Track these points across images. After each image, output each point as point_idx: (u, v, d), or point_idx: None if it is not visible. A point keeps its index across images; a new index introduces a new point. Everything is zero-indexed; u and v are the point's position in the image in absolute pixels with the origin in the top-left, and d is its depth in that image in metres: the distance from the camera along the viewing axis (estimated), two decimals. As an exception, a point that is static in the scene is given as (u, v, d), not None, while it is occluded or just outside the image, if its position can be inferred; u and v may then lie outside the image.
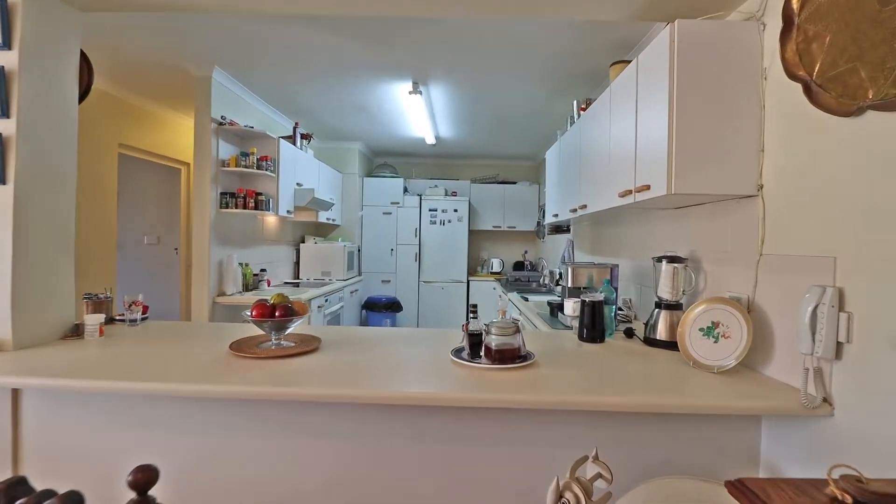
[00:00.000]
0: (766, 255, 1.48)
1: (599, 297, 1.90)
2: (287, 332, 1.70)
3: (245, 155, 3.19)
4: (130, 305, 2.08)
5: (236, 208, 3.17)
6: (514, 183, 5.77)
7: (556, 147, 3.32)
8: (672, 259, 1.85)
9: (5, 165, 1.56)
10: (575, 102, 2.97)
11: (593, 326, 1.88)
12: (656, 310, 1.88)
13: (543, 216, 5.26)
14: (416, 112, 3.77)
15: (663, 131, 1.53)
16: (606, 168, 2.12)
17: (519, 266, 5.66)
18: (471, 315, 1.57)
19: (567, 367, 1.47)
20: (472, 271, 5.83)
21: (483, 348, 1.52)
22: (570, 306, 2.19)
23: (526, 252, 5.71)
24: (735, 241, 1.63)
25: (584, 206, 2.49)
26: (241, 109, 3.39)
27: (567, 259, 3.82)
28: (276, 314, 1.62)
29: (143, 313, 2.21)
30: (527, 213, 5.69)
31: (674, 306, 1.84)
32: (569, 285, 2.24)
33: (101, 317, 1.81)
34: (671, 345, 1.77)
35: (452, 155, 5.77)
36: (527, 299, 3.22)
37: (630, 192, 1.83)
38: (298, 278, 4.59)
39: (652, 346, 1.83)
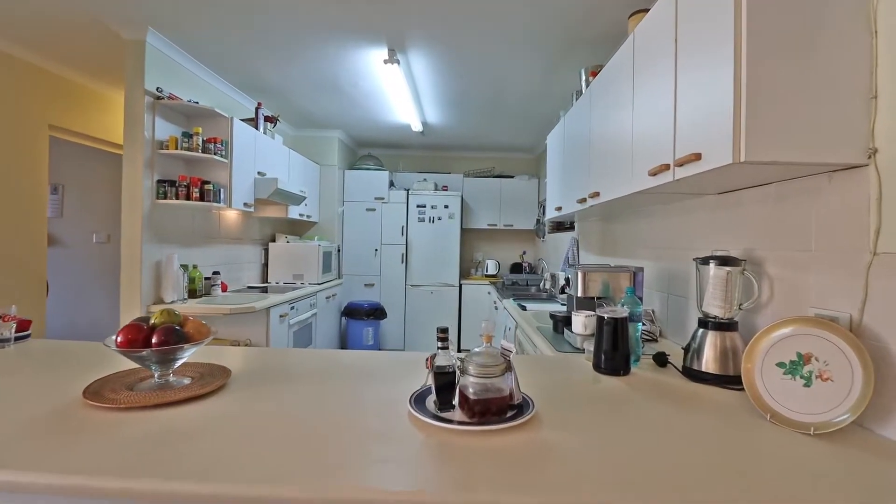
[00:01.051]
0: (882, 254, 0.98)
1: (623, 312, 1.39)
2: (178, 365, 1.19)
3: (188, 136, 2.67)
4: (-5, 320, 1.56)
5: (176, 199, 2.65)
6: (512, 177, 5.26)
7: (560, 129, 2.82)
8: (725, 260, 1.35)
9: None
10: (582, 71, 2.46)
11: (615, 353, 1.37)
12: (700, 330, 1.38)
13: (543, 213, 4.75)
14: (396, 89, 3.25)
15: (725, 81, 1.04)
16: (628, 144, 1.61)
17: (517, 268, 5.15)
18: (438, 343, 1.05)
19: (583, 426, 0.96)
20: (464, 274, 5.32)
21: (457, 394, 1.01)
22: (581, 322, 1.68)
23: (524, 253, 5.21)
24: (824, 235, 1.12)
25: (596, 195, 1.98)
26: (190, 84, 2.88)
27: (572, 260, 3.31)
28: (154, 341, 1.10)
29: (20, 331, 1.69)
30: (525, 209, 5.18)
31: (726, 326, 1.33)
32: (578, 294, 1.73)
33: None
34: (724, 380, 1.27)
35: (443, 146, 5.26)
36: (524, 308, 2.71)
37: (666, 167, 1.32)
38: (267, 281, 4.07)
39: (696, 380, 1.32)
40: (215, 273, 3.09)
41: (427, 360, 1.04)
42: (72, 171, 4.06)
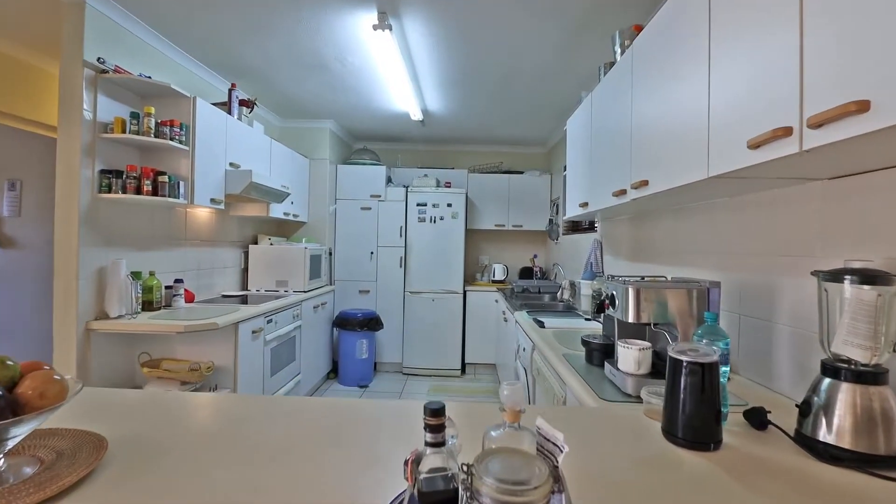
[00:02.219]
0: None
1: (712, 354, 0.93)
2: (11, 446, 0.73)
3: (136, 117, 2.22)
4: None
5: (124, 192, 2.21)
6: (521, 173, 4.79)
7: (584, 111, 2.35)
8: (870, 277, 0.88)
9: None
10: (616, 35, 2.00)
11: (700, 415, 0.90)
12: (827, 380, 0.92)
13: (557, 212, 4.28)
14: (390, 66, 2.80)
15: None
16: (701, 113, 1.14)
17: (527, 273, 4.68)
18: (427, 436, 0.59)
19: None
20: (469, 279, 4.85)
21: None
22: (632, 358, 1.21)
23: (535, 256, 4.73)
24: None
25: (642, 185, 1.51)
26: (144, 57, 2.43)
27: (596, 267, 2.84)
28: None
29: None
30: (536, 208, 4.70)
31: (872, 377, 0.87)
32: (630, 318, 1.26)
33: None
34: (871, 462, 0.81)
35: (445, 138, 4.80)
36: (542, 324, 2.24)
37: (783, 132, 0.85)
38: (247, 289, 3.62)
39: (823, 458, 0.86)
40: (177, 281, 2.64)
41: (406, 463, 0.57)
42: (33, 166, 3.63)
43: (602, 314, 1.58)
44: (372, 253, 4.42)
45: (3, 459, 0.72)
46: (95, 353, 2.17)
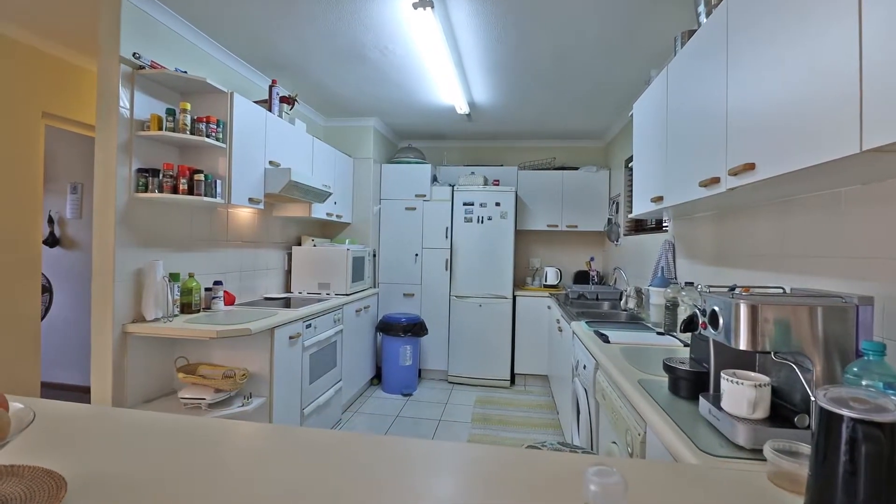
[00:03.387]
0: None
1: (891, 408, 0.62)
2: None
3: (172, 113, 2.15)
4: None
5: (160, 192, 2.14)
6: (576, 169, 4.44)
7: (656, 91, 2.02)
8: None
9: None
10: (701, -8, 1.66)
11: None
12: None
13: (617, 210, 3.89)
14: (434, 53, 2.59)
15: None
16: (834, 84, 0.82)
17: (582, 278, 4.31)
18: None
19: None
20: (519, 283, 4.56)
21: None
22: (745, 398, 0.91)
23: (592, 259, 4.35)
24: None
25: (747, 169, 1.18)
26: (181, 52, 2.37)
27: (667, 271, 2.47)
28: None
29: None
30: (593, 207, 4.33)
31: None
32: (742, 344, 0.95)
33: None
34: None
35: (493, 134, 4.54)
36: (605, 338, 1.93)
37: None
38: (290, 291, 3.54)
39: None
40: (217, 283, 2.57)
41: None
42: (92, 169, 3.76)
43: (690, 332, 1.26)
44: (416, 255, 4.24)
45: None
46: (132, 356, 2.12)
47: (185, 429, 0.93)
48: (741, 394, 0.92)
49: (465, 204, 4.16)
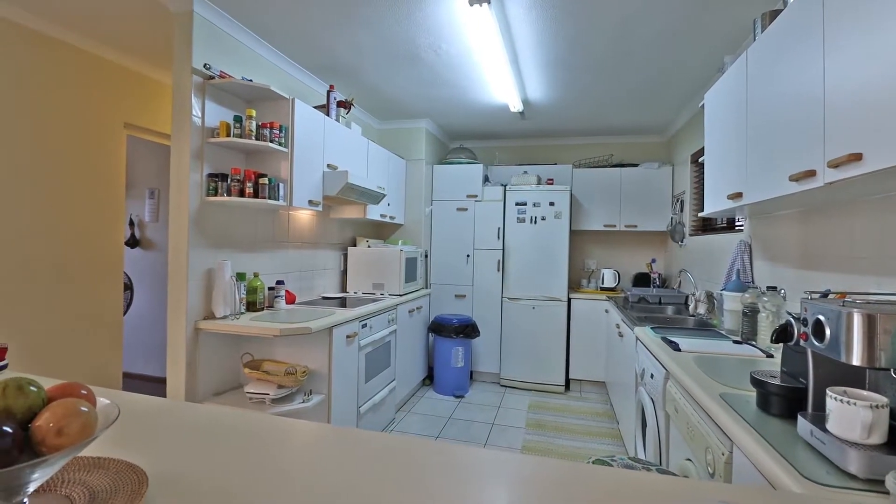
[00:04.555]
0: None
1: None
2: (32, 489, 0.60)
3: (239, 120, 2.25)
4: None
5: (228, 195, 2.25)
6: (635, 165, 4.23)
7: (732, 79, 1.87)
8: None
9: None
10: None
11: None
12: None
13: (682, 209, 3.67)
14: (488, 51, 2.54)
15: None
16: None
17: (642, 280, 4.10)
18: None
19: None
20: (573, 285, 4.41)
21: None
22: (859, 419, 0.79)
23: (653, 261, 4.13)
24: None
25: (852, 160, 1.05)
26: (246, 61, 2.48)
27: (744, 275, 2.28)
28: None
29: (-8, 361, 1.31)
30: (654, 206, 4.10)
31: None
32: (856, 359, 0.83)
33: None
34: None
35: (547, 132, 4.42)
36: (676, 346, 1.80)
37: None
38: (346, 291, 3.63)
39: None
40: (279, 282, 2.66)
41: None
42: (167, 175, 4.04)
43: (782, 343, 1.14)
44: (468, 256, 4.21)
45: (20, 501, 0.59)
46: (203, 351, 2.24)
47: (255, 427, 0.95)
48: (854, 415, 0.81)
49: (517, 204, 4.08)
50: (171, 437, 0.89)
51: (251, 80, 2.28)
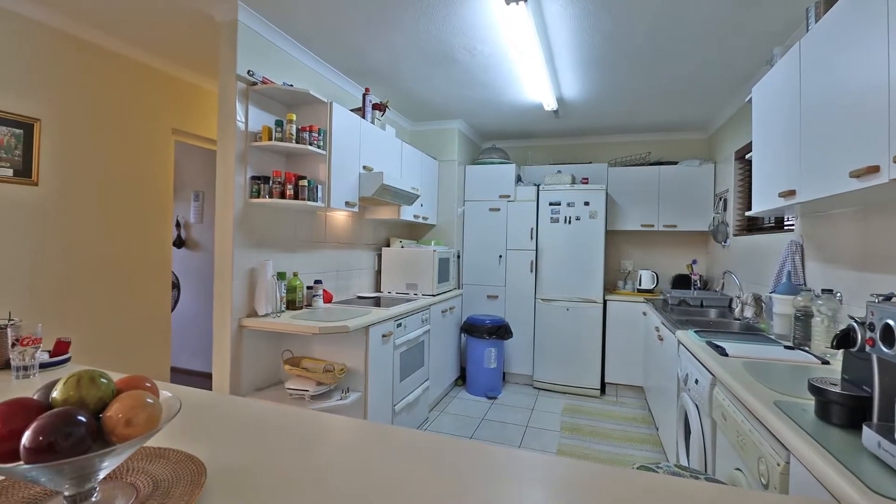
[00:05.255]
0: None
1: None
2: (103, 476, 0.64)
3: (280, 124, 2.32)
4: (14, 344, 1.26)
5: (270, 197, 2.32)
6: (675, 163, 4.09)
7: (783, 71, 1.78)
8: None
9: None
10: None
11: None
12: None
13: (725, 207, 3.53)
14: (524, 51, 2.52)
15: None
16: None
17: (682, 282, 3.97)
18: None
19: None
20: (609, 287, 4.31)
21: None
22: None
23: (694, 262, 3.98)
24: None
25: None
26: (286, 66, 2.56)
27: (794, 276, 2.18)
28: (25, 444, 0.56)
29: (58, 354, 1.40)
30: (695, 205, 3.96)
31: None
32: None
33: None
34: None
35: (582, 130, 4.34)
36: (722, 351, 1.73)
37: None
38: (380, 291, 3.68)
39: None
40: (317, 282, 2.73)
41: None
42: (211, 178, 4.20)
43: (843, 349, 1.07)
44: (500, 256, 4.19)
45: (98, 493, 0.63)
46: (247, 348, 2.32)
47: (303, 422, 0.97)
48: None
49: (551, 204, 4.03)
50: (222, 430, 0.93)
51: (292, 86, 2.34)
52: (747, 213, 2.26)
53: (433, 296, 3.45)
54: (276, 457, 0.81)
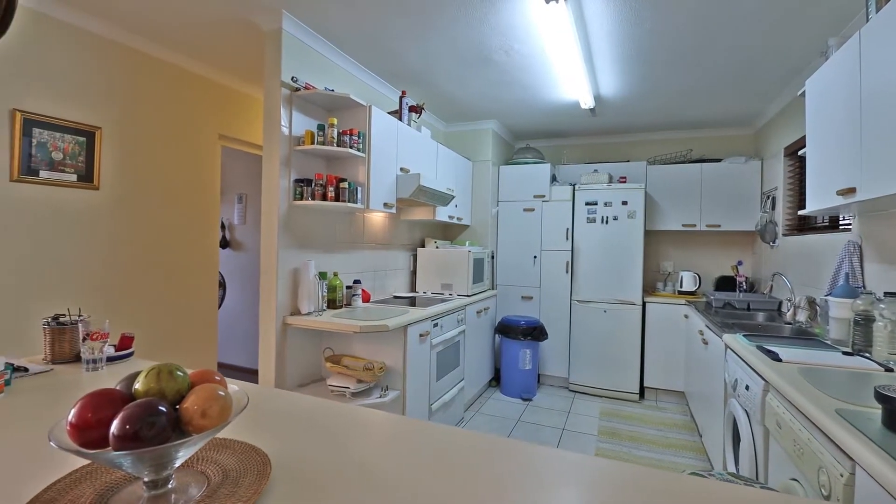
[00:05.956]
0: None
1: None
2: (179, 464, 0.69)
3: (322, 128, 2.39)
4: (85, 339, 1.35)
5: (312, 199, 2.39)
6: (718, 160, 3.95)
7: (840, 63, 1.70)
8: None
9: None
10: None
11: None
12: None
13: (773, 206, 3.38)
14: (562, 49, 2.50)
15: None
16: None
17: (726, 284, 3.82)
18: None
19: None
20: (648, 288, 4.20)
21: None
22: None
23: (740, 263, 3.82)
24: None
25: None
26: (326, 72, 2.63)
27: (852, 279, 2.06)
28: (114, 432, 0.61)
29: (123, 348, 1.50)
30: (740, 203, 3.81)
31: None
32: None
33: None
34: None
35: (619, 128, 4.25)
36: (775, 356, 1.66)
37: None
38: (415, 291, 3.72)
39: None
40: (356, 282, 2.79)
41: None
42: (253, 181, 4.37)
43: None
44: (535, 257, 4.15)
45: (173, 480, 0.68)
46: (290, 345, 2.40)
47: (352, 416, 1.00)
48: None
49: (587, 203, 3.96)
50: (277, 422, 0.97)
51: (333, 90, 2.41)
52: (800, 212, 2.16)
53: (468, 296, 3.46)
54: (331, 450, 0.84)
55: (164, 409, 0.64)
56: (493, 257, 4.22)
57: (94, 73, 2.37)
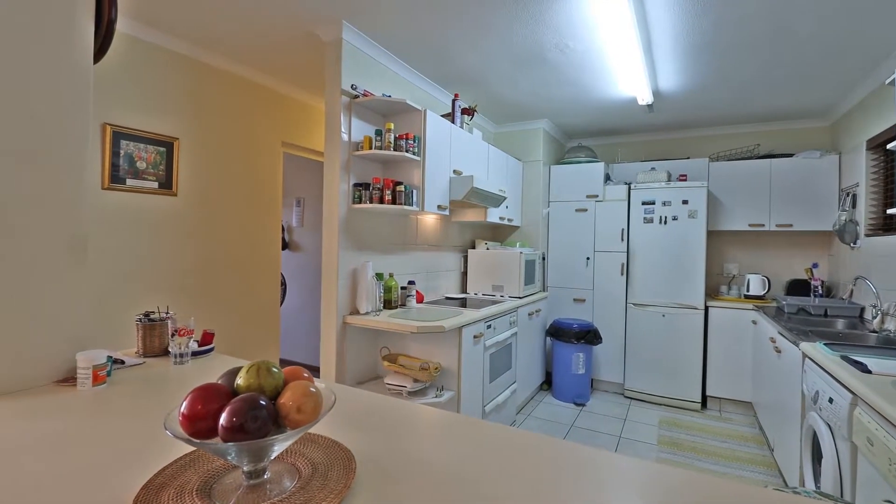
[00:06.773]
0: None
1: None
2: (274, 456, 0.74)
3: (380, 133, 2.46)
4: (174, 334, 1.47)
5: (370, 203, 2.47)
6: (790, 156, 3.69)
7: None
8: None
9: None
10: None
11: None
12: None
13: (854, 204, 3.13)
14: (620, 43, 2.43)
15: None
16: None
17: (799, 288, 3.56)
18: None
19: None
20: (711, 292, 3.99)
21: None
22: None
23: (815, 266, 3.55)
24: None
25: None
26: (383, 78, 2.70)
27: (955, 284, 1.87)
28: (222, 423, 0.67)
29: (204, 344, 1.61)
30: (815, 201, 3.54)
31: None
32: None
33: (99, 355, 1.19)
34: None
35: (677, 124, 4.07)
36: (864, 367, 1.53)
37: None
38: (465, 292, 3.74)
39: None
40: (410, 282, 2.85)
41: None
42: (311, 186, 4.56)
43: None
44: (588, 258, 4.05)
45: (268, 472, 0.73)
46: (349, 343, 2.49)
47: (419, 415, 1.03)
48: None
49: (644, 203, 3.82)
50: (351, 418, 1.01)
51: (390, 96, 2.47)
52: (888, 211, 1.98)
53: (520, 298, 3.44)
54: (403, 445, 0.87)
55: (264, 403, 0.69)
56: (544, 259, 4.17)
57: (172, 87, 2.57)
